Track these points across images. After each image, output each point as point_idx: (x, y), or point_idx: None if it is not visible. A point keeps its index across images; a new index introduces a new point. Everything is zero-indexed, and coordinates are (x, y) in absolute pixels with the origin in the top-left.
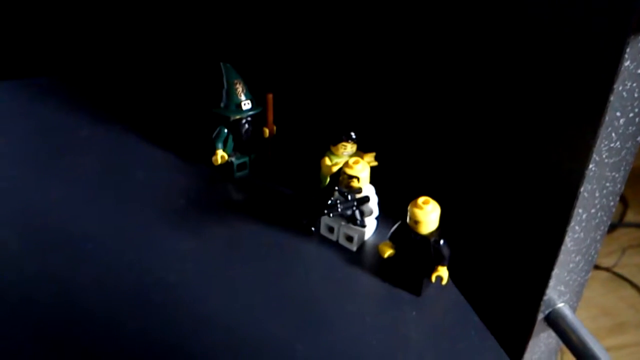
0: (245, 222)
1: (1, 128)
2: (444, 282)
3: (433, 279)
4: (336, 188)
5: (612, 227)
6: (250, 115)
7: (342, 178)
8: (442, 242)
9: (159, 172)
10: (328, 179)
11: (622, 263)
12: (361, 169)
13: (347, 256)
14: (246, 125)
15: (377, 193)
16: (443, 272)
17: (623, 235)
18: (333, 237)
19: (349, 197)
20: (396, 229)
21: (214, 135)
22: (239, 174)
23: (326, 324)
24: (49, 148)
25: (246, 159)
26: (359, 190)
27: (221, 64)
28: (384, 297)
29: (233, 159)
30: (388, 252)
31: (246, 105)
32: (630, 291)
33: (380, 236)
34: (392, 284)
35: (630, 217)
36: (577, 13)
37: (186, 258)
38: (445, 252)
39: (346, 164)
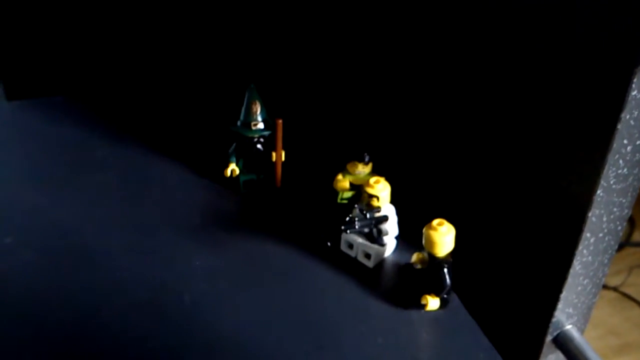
0: (260, 241)
1: (18, 147)
2: (427, 309)
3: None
4: (356, 205)
5: (619, 247)
6: (262, 137)
7: (362, 197)
8: (445, 270)
9: (174, 190)
10: (341, 194)
11: (629, 282)
12: (381, 189)
13: (363, 275)
14: (257, 145)
15: (398, 213)
16: (431, 301)
17: (630, 254)
18: (352, 254)
19: (368, 216)
20: None
21: (230, 149)
22: (245, 190)
23: (339, 344)
24: (65, 166)
25: (253, 177)
26: (378, 209)
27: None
28: (394, 317)
29: (241, 175)
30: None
31: (257, 125)
32: (637, 311)
33: (399, 255)
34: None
35: (637, 236)
36: (585, 44)
37: (200, 276)
38: (443, 281)
39: (367, 183)
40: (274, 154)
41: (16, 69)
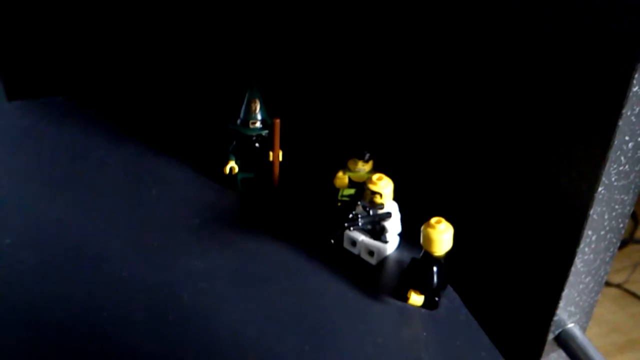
0: (260, 240)
1: (17, 147)
2: (409, 302)
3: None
4: (359, 202)
5: (623, 244)
6: (260, 135)
7: (365, 193)
8: (434, 269)
9: (174, 190)
10: (341, 192)
11: (633, 279)
12: (384, 186)
13: (365, 273)
14: (255, 144)
15: (401, 210)
16: (414, 296)
17: (634, 251)
18: (355, 251)
19: (371, 212)
20: None
21: (230, 147)
22: (242, 189)
23: (339, 344)
24: (65, 166)
25: (251, 175)
26: (381, 206)
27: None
28: (395, 317)
29: (239, 173)
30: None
31: (255, 124)
32: None
33: (402, 252)
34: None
35: None
36: (586, 39)
37: (199, 276)
38: (429, 280)
39: (370, 179)
40: (271, 154)
41: (16, 69)
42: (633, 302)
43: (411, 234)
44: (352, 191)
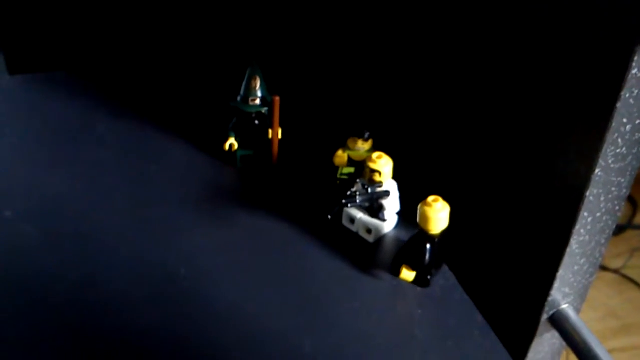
0: (259, 216)
1: (18, 122)
2: (400, 276)
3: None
4: (358, 180)
5: (621, 229)
6: (259, 112)
7: (365, 171)
8: (427, 247)
9: (173, 166)
10: (340, 170)
11: (631, 265)
12: (384, 164)
13: (362, 251)
14: (255, 121)
15: (401, 189)
16: (405, 272)
17: (632, 237)
18: (353, 229)
19: (369, 190)
20: None
21: (230, 124)
22: (242, 165)
23: (335, 320)
24: (66, 141)
25: (251, 152)
26: (380, 184)
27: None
28: (390, 294)
29: (238, 150)
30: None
31: (255, 101)
32: (637, 293)
33: (400, 231)
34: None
35: (639, 219)
36: (586, 22)
37: (198, 252)
38: (422, 257)
39: (370, 158)
40: (270, 131)
41: (19, 43)
42: (630, 288)
43: (410, 213)
44: (351, 169)
